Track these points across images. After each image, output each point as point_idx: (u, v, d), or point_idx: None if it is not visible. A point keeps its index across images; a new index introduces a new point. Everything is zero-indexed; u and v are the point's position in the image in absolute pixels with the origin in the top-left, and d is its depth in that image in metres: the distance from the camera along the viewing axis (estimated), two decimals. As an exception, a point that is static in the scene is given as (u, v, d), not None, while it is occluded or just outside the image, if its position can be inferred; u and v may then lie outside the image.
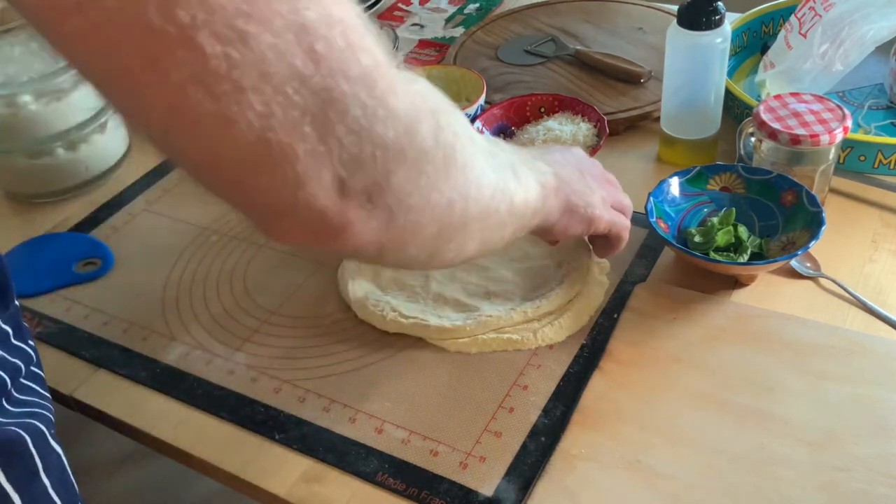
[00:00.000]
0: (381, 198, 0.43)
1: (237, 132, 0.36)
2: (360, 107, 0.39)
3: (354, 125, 0.39)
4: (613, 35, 1.13)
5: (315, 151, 0.38)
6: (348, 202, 0.41)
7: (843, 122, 0.75)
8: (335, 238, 0.43)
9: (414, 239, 0.47)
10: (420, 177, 0.44)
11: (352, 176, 0.40)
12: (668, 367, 0.68)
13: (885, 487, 0.57)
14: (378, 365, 0.72)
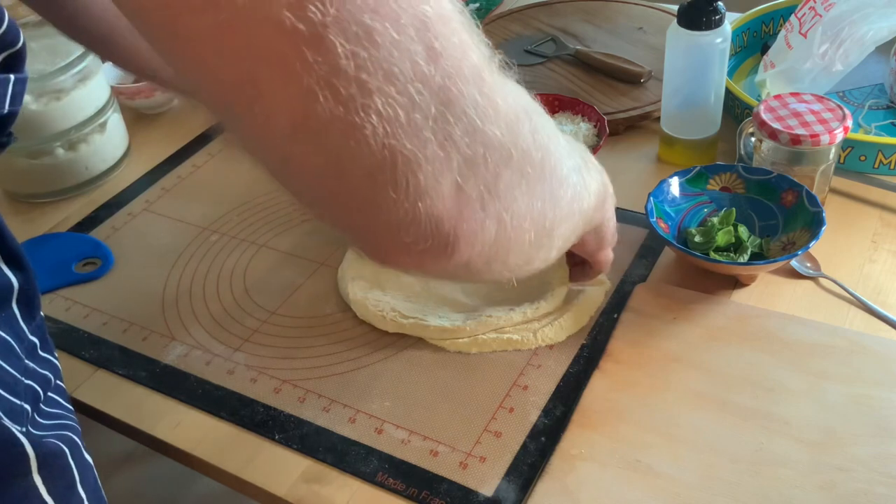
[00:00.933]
0: (492, 203, 0.40)
1: (362, 139, 0.34)
2: (473, 106, 0.37)
3: (469, 126, 0.37)
4: (613, 35, 1.13)
5: (436, 157, 0.36)
6: (465, 210, 0.39)
7: (844, 122, 0.75)
8: (452, 252, 0.40)
9: (517, 247, 0.45)
10: (522, 180, 0.42)
11: (466, 181, 0.38)
12: (668, 367, 0.68)
13: (885, 487, 0.57)
14: (378, 365, 0.72)
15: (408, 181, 0.36)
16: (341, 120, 0.33)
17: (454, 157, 0.37)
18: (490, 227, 0.41)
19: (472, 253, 0.41)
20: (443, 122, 0.36)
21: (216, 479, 0.68)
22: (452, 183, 0.38)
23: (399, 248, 0.40)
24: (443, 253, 0.40)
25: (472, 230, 0.40)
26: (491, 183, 0.40)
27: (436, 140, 0.36)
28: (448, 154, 0.37)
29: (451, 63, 0.35)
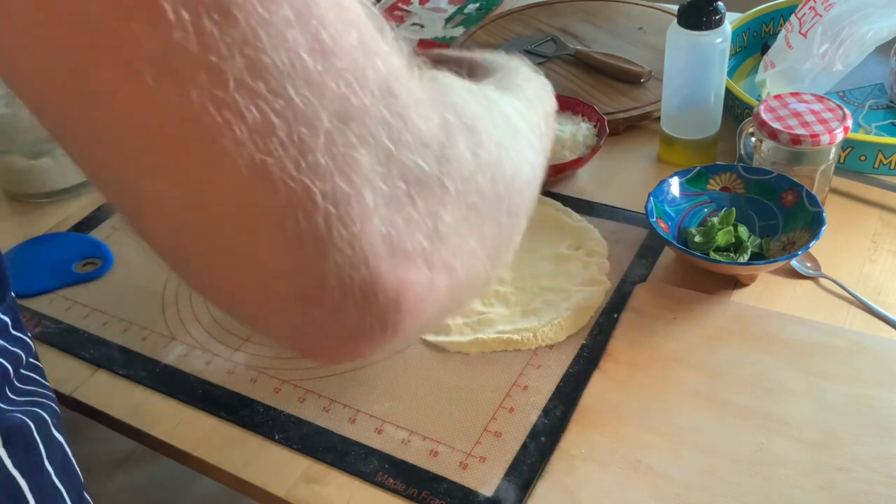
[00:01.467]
0: (436, 252, 0.31)
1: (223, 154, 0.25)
2: (382, 125, 0.28)
3: (381, 152, 0.28)
4: (613, 35, 1.13)
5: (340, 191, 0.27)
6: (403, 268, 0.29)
7: (844, 122, 0.75)
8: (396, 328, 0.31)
9: (473, 287, 0.35)
10: (469, 213, 0.33)
11: (396, 227, 0.29)
12: (668, 367, 0.68)
13: (885, 487, 0.57)
14: (378, 365, 0.72)
15: (298, 223, 0.26)
16: (188, 120, 0.24)
17: (367, 192, 0.27)
18: (440, 281, 0.31)
19: (421, 309, 0.31)
20: (343, 142, 0.27)
21: (216, 479, 0.68)
22: (376, 232, 0.28)
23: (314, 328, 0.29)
24: (383, 332, 0.30)
25: (418, 295, 0.30)
26: (430, 226, 0.30)
27: (335, 167, 0.26)
28: (358, 191, 0.27)
29: (346, 65, 0.27)
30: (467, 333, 0.73)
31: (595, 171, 0.92)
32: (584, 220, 0.83)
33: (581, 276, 0.77)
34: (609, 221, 0.84)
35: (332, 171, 0.26)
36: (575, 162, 0.86)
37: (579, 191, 0.89)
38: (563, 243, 0.81)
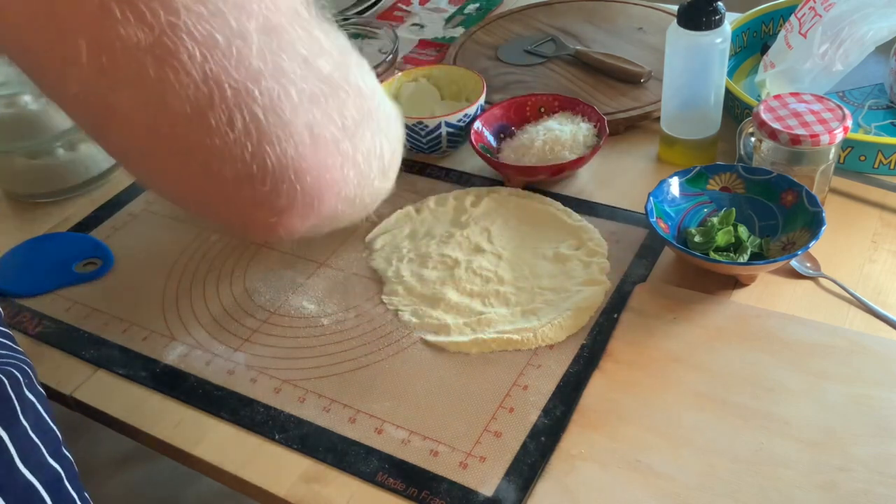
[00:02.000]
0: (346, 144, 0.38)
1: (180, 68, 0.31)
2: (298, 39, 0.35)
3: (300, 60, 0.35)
4: (613, 35, 1.13)
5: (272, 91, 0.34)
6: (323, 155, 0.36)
7: (844, 122, 0.75)
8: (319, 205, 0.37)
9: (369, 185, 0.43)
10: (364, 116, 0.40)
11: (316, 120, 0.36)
12: (668, 367, 0.68)
13: (885, 487, 0.57)
14: (378, 365, 0.72)
15: (244, 119, 0.33)
16: (151, 44, 0.30)
17: (293, 92, 0.34)
18: (349, 172, 0.38)
19: (338, 203, 0.38)
20: (270, 52, 0.33)
21: (216, 479, 0.68)
22: (304, 124, 0.34)
23: (253, 205, 0.35)
24: (309, 209, 0.37)
25: (335, 179, 0.37)
26: (339, 121, 0.37)
27: (267, 72, 0.33)
28: (286, 89, 0.34)
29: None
30: (467, 333, 0.73)
31: (595, 171, 0.92)
32: (584, 220, 0.83)
33: (581, 276, 0.77)
34: (609, 221, 0.84)
35: (264, 74, 0.33)
36: (575, 162, 0.86)
37: (579, 191, 0.89)
38: (563, 243, 0.81)
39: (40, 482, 0.52)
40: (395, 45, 1.02)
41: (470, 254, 0.81)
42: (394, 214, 0.88)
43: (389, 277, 0.80)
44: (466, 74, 1.00)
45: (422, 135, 0.93)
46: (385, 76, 1.00)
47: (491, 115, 0.94)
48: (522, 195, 0.88)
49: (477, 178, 0.93)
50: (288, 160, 0.34)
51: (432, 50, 1.19)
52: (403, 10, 1.30)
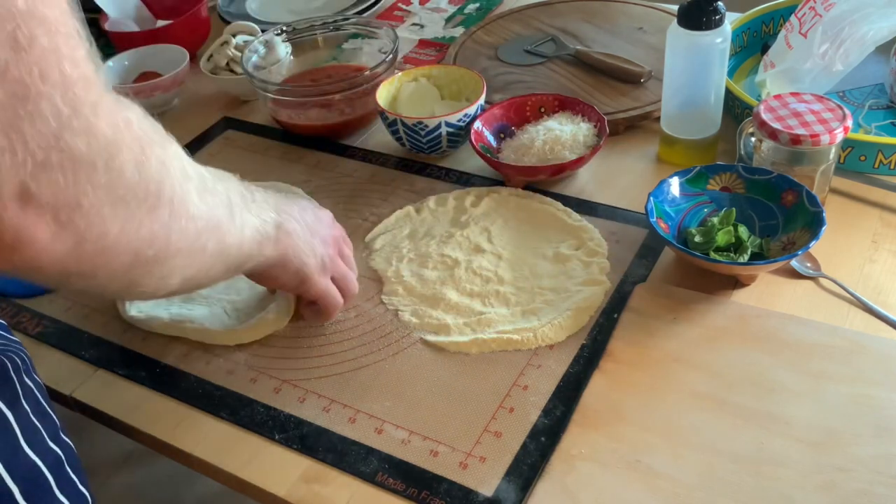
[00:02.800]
0: (70, 219, 0.41)
1: None
2: (53, 112, 0.38)
3: (44, 128, 0.38)
4: (613, 35, 1.13)
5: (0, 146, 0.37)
6: (29, 215, 0.39)
7: (844, 122, 0.75)
8: (11, 252, 0.40)
9: (105, 267, 0.45)
10: (118, 205, 0.43)
11: (39, 186, 0.39)
12: (668, 367, 0.68)
13: (885, 487, 0.57)
14: (378, 365, 0.72)
15: None
16: None
17: (20, 152, 0.38)
18: (65, 240, 0.41)
19: (38, 260, 0.41)
20: (12, 114, 0.37)
21: (216, 479, 0.68)
22: (19, 182, 0.38)
23: None
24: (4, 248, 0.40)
25: (37, 237, 0.40)
26: (72, 198, 0.40)
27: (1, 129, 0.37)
28: (13, 146, 0.37)
29: (36, 61, 0.37)
30: (467, 333, 0.73)
31: (595, 171, 0.92)
32: (584, 220, 0.83)
33: (581, 276, 0.77)
34: (609, 221, 0.84)
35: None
36: (575, 162, 0.86)
37: (579, 191, 0.89)
38: (563, 243, 0.81)
39: (44, 464, 0.53)
40: (395, 45, 1.02)
41: (470, 254, 0.81)
42: (393, 214, 0.88)
43: (389, 277, 0.80)
44: (466, 74, 1.00)
45: (422, 135, 0.93)
46: (385, 76, 1.00)
47: (491, 115, 0.94)
48: (522, 195, 0.88)
49: (477, 178, 0.93)
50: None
51: (432, 50, 1.19)
52: (403, 10, 1.30)
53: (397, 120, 0.93)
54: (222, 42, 1.14)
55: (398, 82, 1.00)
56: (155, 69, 1.14)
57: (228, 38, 1.14)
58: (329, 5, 1.31)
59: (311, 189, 0.94)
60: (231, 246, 0.57)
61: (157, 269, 0.49)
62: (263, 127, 1.08)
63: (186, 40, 1.19)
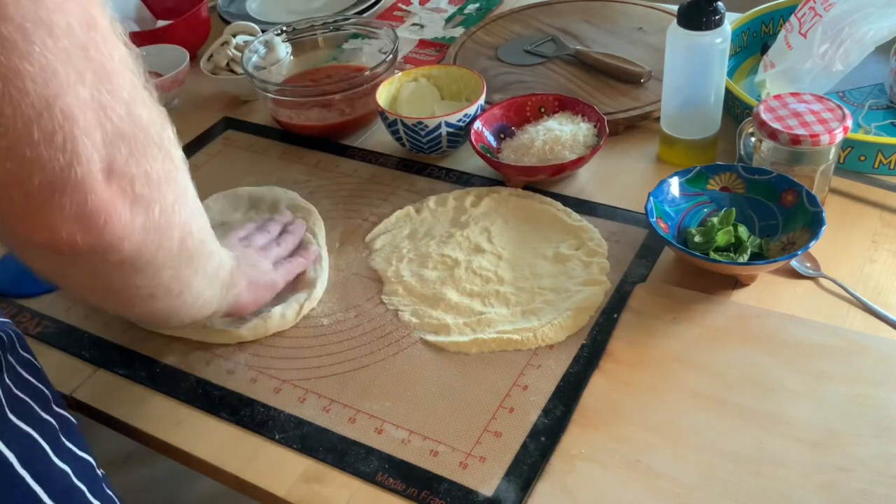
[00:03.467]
0: (143, 191, 0.45)
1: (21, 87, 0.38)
2: (127, 86, 0.43)
3: (121, 102, 0.42)
4: (613, 35, 1.13)
5: (91, 119, 0.41)
6: (114, 188, 0.43)
7: (843, 122, 0.75)
8: (101, 231, 0.44)
9: (164, 244, 0.49)
10: (170, 181, 0.47)
11: (119, 159, 0.43)
12: (668, 367, 0.68)
13: (885, 487, 0.57)
14: (378, 365, 0.72)
15: (65, 137, 0.40)
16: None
17: (107, 124, 0.42)
18: (139, 213, 0.45)
19: (121, 233, 0.45)
20: (97, 89, 0.41)
21: (216, 479, 0.68)
22: (104, 155, 0.42)
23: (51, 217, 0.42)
24: (93, 229, 0.43)
25: (120, 208, 0.44)
26: (142, 169, 0.44)
27: (92, 101, 0.40)
28: (100, 120, 0.41)
29: (103, 40, 0.41)
30: (467, 333, 0.73)
31: (595, 171, 0.92)
32: (584, 220, 0.83)
33: (581, 276, 0.77)
34: (609, 221, 0.84)
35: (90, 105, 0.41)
36: (575, 162, 0.86)
37: (579, 191, 0.89)
38: (563, 243, 0.81)
39: (37, 433, 0.54)
40: (395, 45, 1.02)
41: (470, 254, 0.81)
42: (394, 214, 0.88)
43: (389, 277, 0.80)
44: (466, 74, 1.00)
45: (422, 135, 0.93)
46: (385, 76, 1.00)
47: (491, 115, 0.94)
48: (522, 195, 0.88)
49: (477, 178, 0.93)
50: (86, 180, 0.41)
51: (432, 50, 1.19)
52: (403, 10, 1.30)
53: (397, 120, 0.93)
54: (222, 42, 1.14)
55: (398, 82, 1.00)
56: (155, 69, 1.14)
57: (228, 38, 1.14)
58: (329, 5, 1.31)
59: (311, 189, 0.94)
60: (223, 269, 0.63)
61: (186, 268, 0.54)
62: (263, 127, 1.08)
63: (186, 40, 1.19)
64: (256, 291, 0.73)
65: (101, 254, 0.46)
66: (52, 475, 0.54)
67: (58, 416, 0.58)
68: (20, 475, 0.52)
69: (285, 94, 1.00)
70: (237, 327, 0.76)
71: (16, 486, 0.51)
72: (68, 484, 0.55)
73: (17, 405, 0.54)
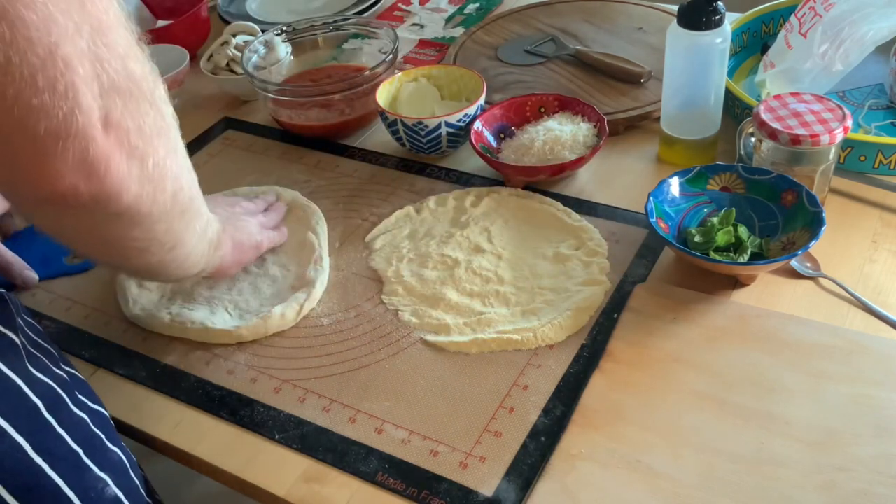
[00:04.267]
0: (137, 143, 0.47)
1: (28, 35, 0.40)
2: (122, 41, 0.45)
3: (117, 56, 0.44)
4: (613, 35, 1.13)
5: (88, 68, 0.42)
6: (111, 139, 0.45)
7: (844, 122, 0.75)
8: (102, 179, 0.45)
9: (158, 197, 0.51)
10: (161, 134, 0.50)
11: (115, 110, 0.45)
12: (668, 367, 0.68)
13: (885, 487, 0.57)
14: (378, 365, 0.72)
15: (66, 86, 0.42)
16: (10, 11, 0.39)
17: (103, 76, 0.43)
18: (135, 164, 0.47)
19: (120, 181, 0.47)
20: (93, 42, 0.43)
21: (216, 479, 0.68)
22: (101, 106, 0.44)
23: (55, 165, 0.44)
24: (94, 177, 0.45)
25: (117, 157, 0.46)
26: (136, 122, 0.46)
27: (89, 53, 0.42)
28: (97, 72, 0.43)
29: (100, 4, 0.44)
30: (467, 333, 0.73)
31: (595, 171, 0.92)
32: (584, 220, 0.83)
33: (581, 276, 0.77)
34: (609, 221, 0.84)
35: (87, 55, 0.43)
36: (575, 162, 0.86)
37: (579, 191, 0.89)
38: (563, 243, 0.81)
39: (56, 384, 0.57)
40: (395, 45, 1.02)
41: (470, 254, 0.81)
42: (394, 214, 0.88)
43: (389, 277, 0.80)
44: (466, 74, 1.00)
45: (422, 135, 0.93)
46: (385, 76, 1.00)
47: (491, 115, 0.94)
48: (522, 195, 0.88)
49: (477, 178, 0.93)
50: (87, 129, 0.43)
51: (432, 50, 1.19)
52: (403, 10, 1.30)
53: (397, 120, 0.93)
54: (222, 42, 1.14)
55: (398, 82, 1.00)
56: (155, 69, 1.14)
57: (228, 38, 1.14)
58: (329, 5, 1.31)
59: (311, 189, 0.94)
60: (210, 230, 0.65)
61: (178, 222, 0.56)
62: (263, 127, 1.08)
63: (186, 40, 1.19)
64: (241, 253, 0.76)
65: (102, 203, 0.47)
66: (74, 422, 0.57)
67: (68, 372, 0.61)
68: (48, 421, 0.55)
69: (285, 94, 1.00)
70: (237, 327, 0.76)
71: (45, 430, 0.54)
72: (89, 431, 0.58)
73: (33, 360, 0.57)
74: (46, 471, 0.52)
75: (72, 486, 0.54)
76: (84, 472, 0.56)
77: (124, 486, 0.59)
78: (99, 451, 0.58)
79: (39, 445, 0.53)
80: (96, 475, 0.57)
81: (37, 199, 0.47)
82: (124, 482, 0.59)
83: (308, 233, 0.84)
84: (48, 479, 0.52)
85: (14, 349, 0.56)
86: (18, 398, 0.53)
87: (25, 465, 0.51)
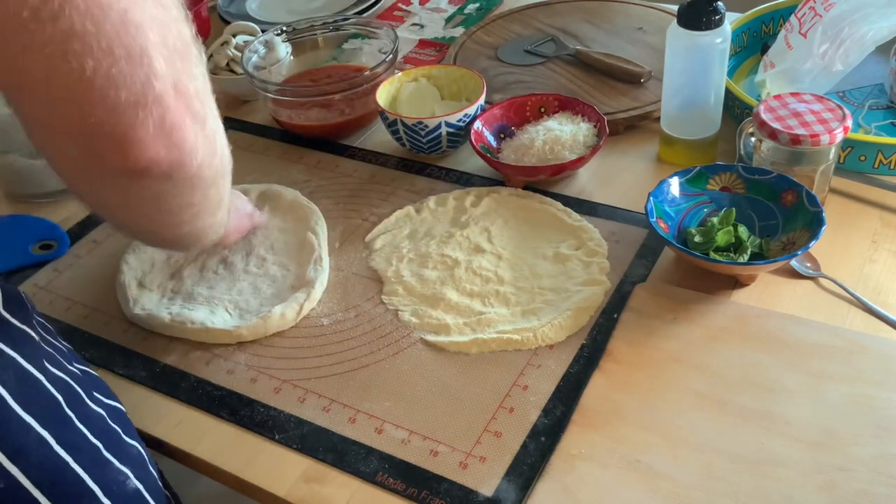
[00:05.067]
0: (198, 106, 0.47)
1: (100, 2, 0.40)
2: (174, 2, 0.46)
3: (173, 13, 0.45)
4: (613, 35, 1.13)
5: (157, 36, 0.43)
6: (181, 104, 0.45)
7: (844, 122, 0.75)
8: (180, 147, 0.46)
9: (214, 158, 0.51)
10: (209, 92, 0.50)
11: (180, 76, 0.45)
12: (668, 367, 0.68)
13: (885, 487, 0.57)
14: (378, 365, 0.72)
15: (141, 52, 0.42)
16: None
17: (168, 40, 0.44)
18: (197, 125, 0.47)
19: (192, 147, 0.47)
20: (154, 6, 0.43)
21: (216, 479, 0.68)
22: (171, 72, 0.44)
23: (139, 128, 0.44)
24: (174, 141, 0.45)
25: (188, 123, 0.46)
26: (194, 86, 0.47)
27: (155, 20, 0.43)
28: (164, 38, 0.44)
29: None
30: (467, 333, 0.73)
31: (595, 171, 0.92)
32: (584, 220, 0.83)
33: (581, 276, 0.77)
34: (609, 221, 0.84)
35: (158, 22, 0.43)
36: (575, 162, 0.86)
37: (579, 191, 0.89)
38: (563, 243, 0.81)
39: (72, 380, 0.57)
40: (395, 45, 1.02)
41: (470, 254, 0.81)
42: (394, 214, 0.88)
43: (389, 277, 0.80)
44: (466, 74, 1.00)
45: (422, 135, 0.93)
46: (385, 76, 1.00)
47: (491, 115, 0.94)
48: (522, 195, 0.88)
49: (477, 178, 0.93)
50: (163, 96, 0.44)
51: (432, 50, 1.19)
52: (403, 10, 1.30)
53: (397, 120, 0.93)
54: (222, 42, 1.14)
55: (398, 82, 1.00)
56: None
57: (228, 38, 1.14)
58: (329, 5, 1.31)
59: (311, 189, 0.94)
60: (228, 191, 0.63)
61: (221, 182, 0.56)
62: (263, 127, 1.08)
63: (186, 40, 1.19)
64: (239, 219, 0.78)
65: (176, 170, 0.47)
66: (91, 417, 0.57)
67: (81, 369, 0.61)
68: (68, 415, 0.55)
69: (285, 94, 1.00)
70: (237, 327, 0.76)
71: (67, 424, 0.54)
72: (106, 426, 0.59)
73: (49, 357, 0.57)
74: (71, 464, 0.53)
75: (96, 479, 0.54)
76: (106, 465, 0.56)
77: (144, 479, 0.59)
78: (117, 445, 0.59)
79: (62, 439, 0.53)
80: (117, 468, 0.57)
81: (119, 171, 0.46)
82: (143, 475, 0.60)
83: (308, 233, 0.84)
84: (73, 473, 0.53)
85: (33, 345, 0.56)
86: (40, 393, 0.54)
87: (51, 459, 0.52)
